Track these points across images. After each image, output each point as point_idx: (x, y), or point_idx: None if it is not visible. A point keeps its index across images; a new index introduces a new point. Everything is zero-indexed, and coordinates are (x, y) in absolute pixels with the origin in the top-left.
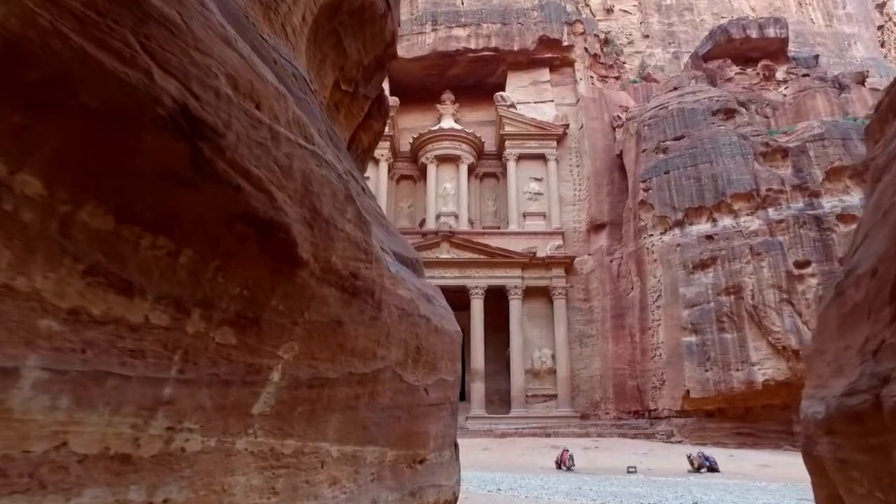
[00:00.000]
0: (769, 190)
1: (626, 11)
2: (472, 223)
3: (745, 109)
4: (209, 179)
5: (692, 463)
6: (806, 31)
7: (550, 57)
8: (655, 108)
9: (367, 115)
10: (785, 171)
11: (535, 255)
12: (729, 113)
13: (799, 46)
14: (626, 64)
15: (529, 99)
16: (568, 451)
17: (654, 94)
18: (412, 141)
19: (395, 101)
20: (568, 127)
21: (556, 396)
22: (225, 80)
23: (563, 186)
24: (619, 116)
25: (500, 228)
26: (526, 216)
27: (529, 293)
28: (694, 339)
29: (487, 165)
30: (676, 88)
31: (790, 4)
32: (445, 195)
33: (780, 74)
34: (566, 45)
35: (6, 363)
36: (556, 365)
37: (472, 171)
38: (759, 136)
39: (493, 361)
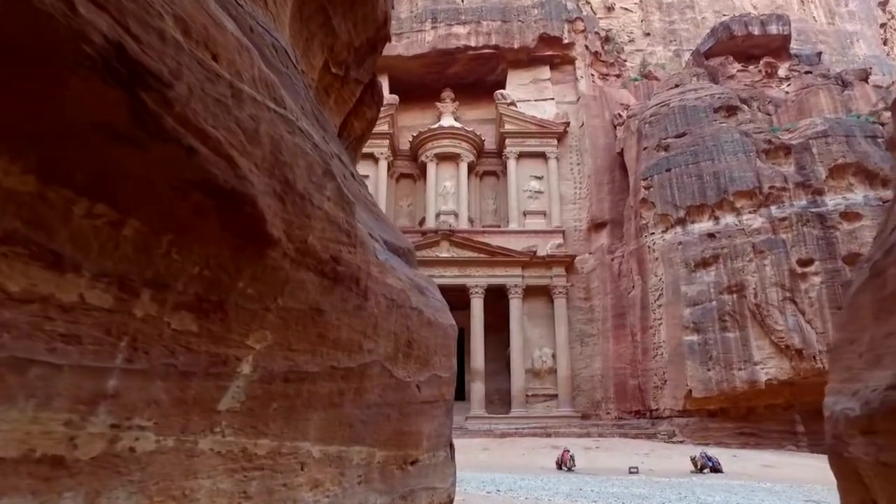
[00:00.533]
0: (772, 187)
1: (626, 9)
2: (472, 222)
3: (747, 107)
4: (156, 137)
5: (696, 464)
6: (808, 28)
7: (551, 55)
8: (657, 105)
9: (359, 101)
10: (788, 168)
11: (535, 253)
12: (731, 110)
13: (801, 44)
14: (627, 62)
15: (530, 97)
16: (568, 451)
17: (655, 91)
18: (412, 139)
19: (394, 98)
20: (568, 125)
21: (556, 396)
22: (172, 21)
23: (563, 185)
24: (619, 114)
25: (500, 227)
26: (526, 215)
27: (530, 292)
28: (696, 338)
29: (487, 164)
30: (678, 86)
31: (792, 2)
32: (445, 193)
33: (782, 72)
34: (567, 42)
35: None
36: (556, 364)
37: (472, 169)
38: (761, 133)
39: (493, 361)
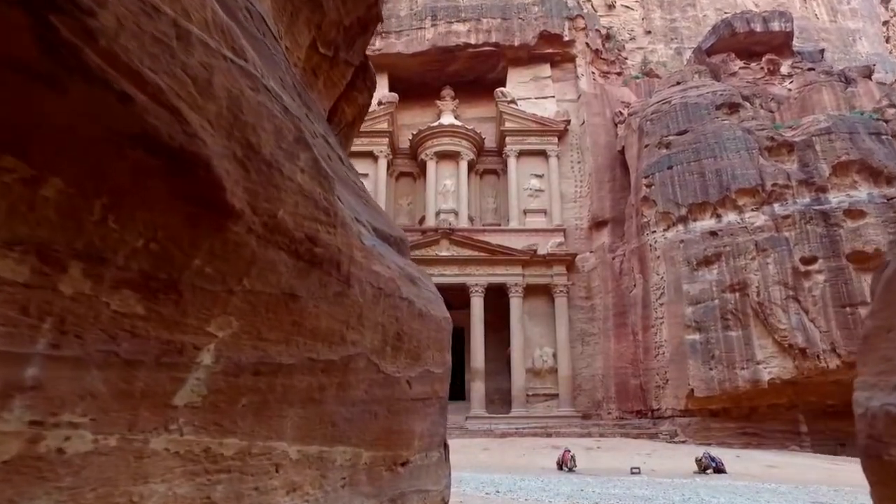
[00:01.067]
0: (774, 185)
1: (627, 7)
2: (472, 220)
3: (749, 104)
4: (77, 76)
5: (700, 465)
6: (810, 26)
7: (551, 52)
8: (658, 102)
9: (350, 85)
10: (791, 165)
11: (535, 252)
12: (733, 107)
13: (803, 42)
14: (627, 60)
15: (530, 95)
16: (569, 451)
17: (656, 89)
18: (412, 137)
19: (394, 97)
20: (569, 123)
21: (557, 396)
22: None
23: (564, 183)
24: (620, 112)
25: (500, 226)
26: (527, 213)
27: (530, 291)
28: (698, 337)
29: (488, 162)
30: (679, 83)
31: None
32: (445, 192)
33: (784, 69)
34: (567, 40)
35: None
36: (557, 364)
37: (472, 167)
38: (763, 130)
39: (493, 360)
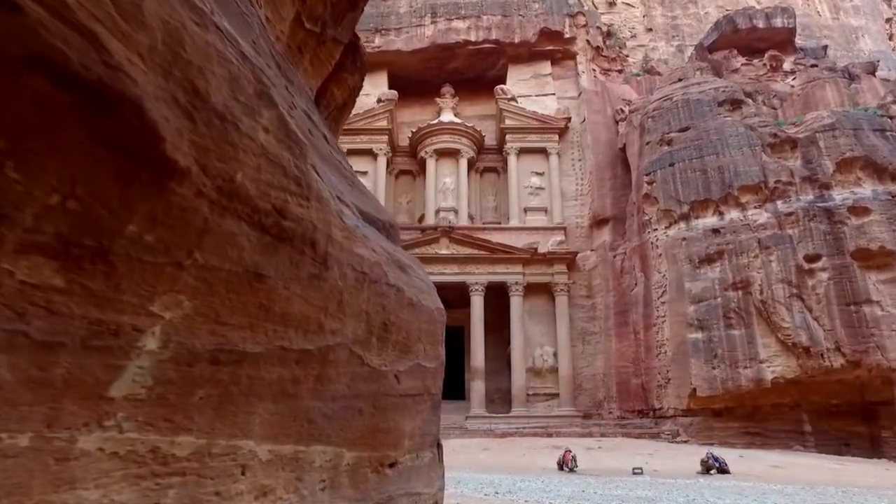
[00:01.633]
0: (778, 182)
1: (628, 4)
2: (472, 218)
3: (751, 100)
4: None
5: (704, 465)
6: (812, 23)
7: (552, 49)
8: (660, 99)
9: (339, 65)
10: (794, 162)
11: (536, 250)
12: (735, 104)
13: (805, 39)
14: (629, 57)
15: (530, 92)
16: (570, 451)
17: (658, 85)
18: (411, 135)
19: (393, 94)
20: (570, 120)
21: (557, 395)
22: None
23: (564, 181)
24: (621, 110)
25: (500, 224)
26: (527, 211)
27: (531, 290)
28: (700, 335)
29: (488, 160)
30: (681, 80)
31: None
32: (445, 190)
33: (787, 65)
34: (568, 37)
35: None
36: (557, 363)
37: (472, 165)
38: (766, 126)
39: (493, 360)
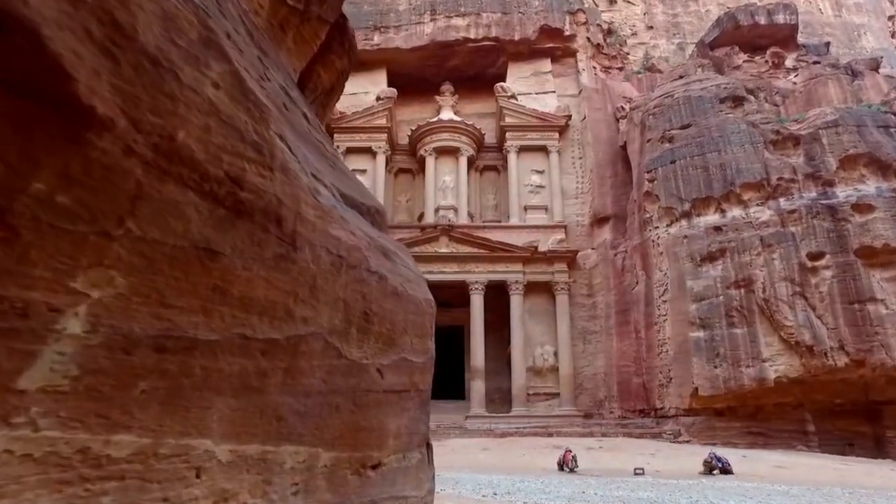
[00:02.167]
0: (780, 179)
1: (629, 2)
2: (471, 217)
3: (753, 97)
4: None
5: (707, 465)
6: (814, 21)
7: (552, 47)
8: (661, 96)
9: (326, 46)
10: (797, 159)
11: (536, 249)
12: (737, 101)
13: (807, 37)
14: (629, 55)
15: (531, 90)
16: (571, 451)
17: (659, 83)
18: (410, 133)
19: (392, 92)
20: (570, 118)
21: (558, 395)
22: None
23: (565, 179)
24: (622, 107)
25: (500, 222)
26: (527, 210)
27: (531, 288)
28: (702, 334)
29: (488, 158)
30: (682, 76)
31: None
32: (444, 188)
33: (789, 62)
34: (568, 35)
35: None
36: (558, 362)
37: (471, 163)
38: (769, 123)
39: (493, 359)
